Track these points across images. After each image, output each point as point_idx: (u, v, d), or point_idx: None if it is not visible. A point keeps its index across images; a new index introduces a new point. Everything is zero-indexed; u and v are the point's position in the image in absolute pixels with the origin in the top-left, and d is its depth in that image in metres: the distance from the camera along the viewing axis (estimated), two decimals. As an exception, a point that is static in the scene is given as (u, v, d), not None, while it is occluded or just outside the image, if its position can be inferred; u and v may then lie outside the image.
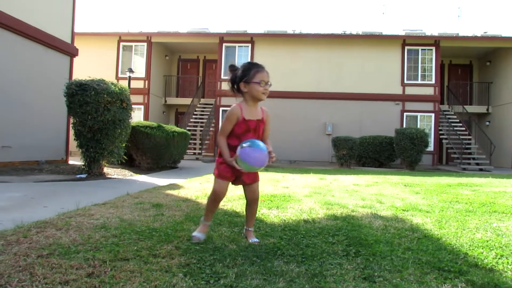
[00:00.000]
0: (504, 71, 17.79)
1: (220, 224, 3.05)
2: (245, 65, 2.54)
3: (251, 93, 2.47)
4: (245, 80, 2.46)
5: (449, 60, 19.99)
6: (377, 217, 3.51)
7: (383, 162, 14.64)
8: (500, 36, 17.81)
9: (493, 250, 2.35)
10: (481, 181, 7.68)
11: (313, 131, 17.10)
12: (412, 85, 17.35)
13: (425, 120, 17.23)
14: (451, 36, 18.03)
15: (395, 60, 17.46)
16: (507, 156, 16.93)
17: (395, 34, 18.37)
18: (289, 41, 17.84)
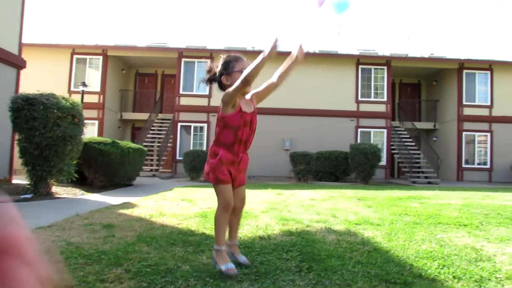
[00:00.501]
0: (448, 90, 19.04)
1: (173, 244, 2.98)
2: (224, 58, 2.46)
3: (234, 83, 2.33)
4: (226, 72, 2.38)
5: (399, 79, 21.09)
6: (330, 232, 3.58)
7: (339, 177, 15.03)
8: (445, 58, 19.09)
9: (436, 261, 2.47)
10: (428, 194, 8.07)
11: (271, 147, 17.29)
12: (365, 102, 18.09)
13: (378, 136, 17.96)
14: (401, 56, 19.09)
15: (350, 78, 18.17)
16: (452, 170, 17.98)
17: (350, 53, 19.17)
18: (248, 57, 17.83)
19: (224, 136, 2.31)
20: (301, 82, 17.78)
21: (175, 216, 4.39)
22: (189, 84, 17.66)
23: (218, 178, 2.25)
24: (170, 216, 4.36)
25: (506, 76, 18.41)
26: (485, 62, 18.41)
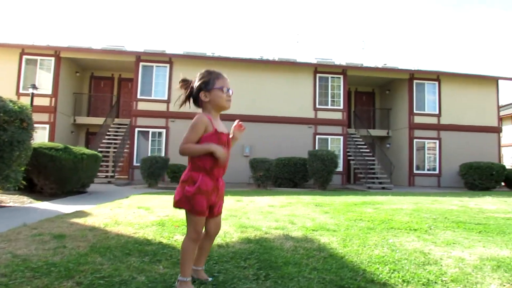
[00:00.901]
0: (400, 99, 19.98)
1: (129, 254, 2.89)
2: (203, 73, 2.29)
3: (214, 101, 2.21)
4: (205, 88, 2.21)
5: (355, 88, 21.86)
6: (288, 238, 3.63)
7: (298, 183, 15.28)
8: (397, 68, 20.02)
9: (388, 265, 2.58)
10: (382, 199, 8.40)
11: (231, 153, 17.12)
12: (323, 109, 18.56)
13: (335, 143, 18.47)
14: (357, 66, 19.80)
15: (308, 86, 18.58)
16: (404, 175, 18.84)
17: (308, 62, 19.60)
18: (208, 63, 18.02)
19: (202, 160, 2.10)
20: (260, 90, 17.96)
21: (131, 224, 4.26)
22: (147, 88, 17.27)
23: (194, 209, 2.05)
24: (126, 225, 4.23)
25: (452, 87, 19.63)
26: (433, 73, 19.53)
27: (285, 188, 14.69)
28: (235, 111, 17.16)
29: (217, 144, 2.13)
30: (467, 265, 2.66)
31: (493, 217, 5.56)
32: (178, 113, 17.12)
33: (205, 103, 2.23)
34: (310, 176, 14.82)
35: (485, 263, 2.71)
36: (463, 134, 19.18)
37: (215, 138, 2.14)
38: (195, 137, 2.11)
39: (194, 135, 2.11)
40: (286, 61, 19.30)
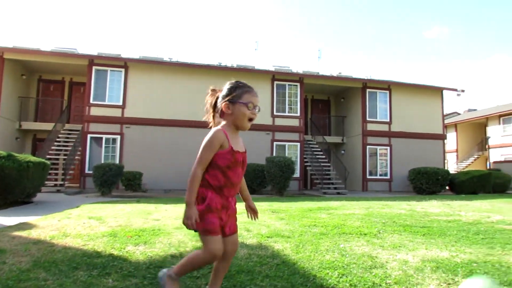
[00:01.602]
0: (354, 107, 20.74)
1: (76, 268, 2.78)
2: (232, 83, 2.14)
3: (236, 116, 2.03)
4: (230, 99, 2.04)
5: (311, 95, 22.41)
6: (243, 246, 3.65)
7: (256, 189, 15.37)
8: (351, 77, 20.78)
9: (337, 270, 2.66)
10: (336, 205, 8.65)
11: (188, 160, 16.96)
12: (280, 116, 18.84)
13: (292, 149, 18.80)
14: (313, 74, 20.32)
15: (266, 93, 18.79)
16: (358, 181, 19.51)
17: (266, 69, 19.86)
18: (165, 69, 17.75)
19: (212, 177, 1.96)
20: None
21: (80, 236, 4.09)
22: (101, 93, 16.67)
23: (205, 229, 1.90)
24: (75, 237, 4.06)
25: (402, 96, 20.66)
26: (384, 83, 20.45)
27: (243, 194, 14.70)
28: (193, 117, 17.09)
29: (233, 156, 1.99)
30: (410, 267, 2.81)
31: (437, 220, 5.89)
32: (134, 119, 16.70)
33: (226, 115, 2.06)
34: (268, 182, 14.96)
35: (426, 265, 2.87)
36: (412, 141, 20.22)
37: (229, 157, 1.98)
38: (210, 156, 1.96)
39: (209, 153, 1.96)
40: (245, 68, 19.45)
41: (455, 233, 4.56)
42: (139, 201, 9.94)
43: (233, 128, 2.05)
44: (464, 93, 31.43)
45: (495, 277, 2.54)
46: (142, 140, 16.65)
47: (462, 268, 2.78)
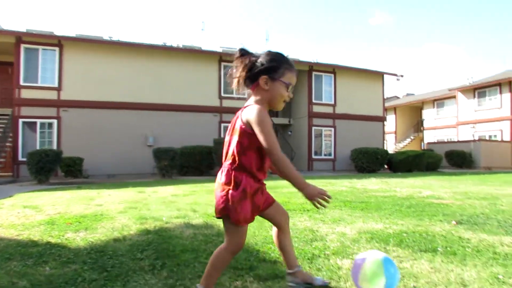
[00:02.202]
0: (301, 89, 21.14)
1: (9, 259, 2.63)
2: (275, 54, 1.82)
3: (273, 95, 1.79)
4: (271, 75, 1.77)
5: (258, 78, 22.50)
6: (189, 227, 3.65)
7: (204, 171, 15.32)
8: (298, 60, 21.08)
9: (279, 245, 2.76)
10: (282, 184, 8.86)
11: (133, 143, 16.52)
12: (228, 98, 18.75)
13: (240, 131, 18.89)
14: (259, 56, 20.37)
15: (213, 75, 18.57)
16: (304, 161, 20.12)
17: (212, 50, 19.57)
18: (105, 48, 16.84)
19: (248, 159, 1.73)
20: (164, 77, 17.43)
21: (14, 226, 3.86)
22: (33, 74, 15.39)
23: (239, 217, 1.70)
24: (8, 227, 3.82)
25: (346, 79, 21.40)
26: (329, 66, 21.03)
27: (191, 176, 14.61)
28: (136, 99, 16.53)
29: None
30: (347, 239, 2.99)
31: (375, 196, 6.28)
32: (72, 102, 15.78)
33: (259, 90, 1.80)
34: (216, 164, 14.96)
35: (362, 236, 3.07)
36: (354, 122, 21.12)
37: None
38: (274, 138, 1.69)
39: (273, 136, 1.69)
40: (191, 48, 19.03)
41: (390, 207, 4.89)
42: (80, 187, 9.53)
43: (266, 106, 1.80)
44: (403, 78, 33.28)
45: (421, 245, 2.78)
46: (82, 124, 15.79)
47: (394, 238, 3.01)
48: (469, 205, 5.05)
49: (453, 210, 4.57)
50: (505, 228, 3.43)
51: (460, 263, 2.34)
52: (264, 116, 1.69)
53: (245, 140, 1.72)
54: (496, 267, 2.27)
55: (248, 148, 1.72)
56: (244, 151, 1.72)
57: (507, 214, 4.25)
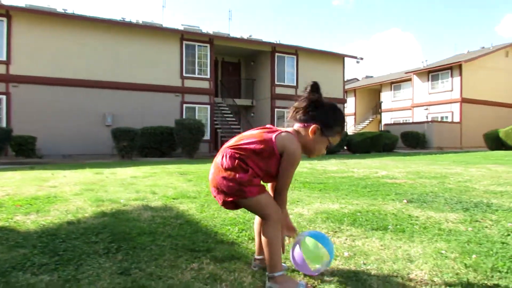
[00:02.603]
0: (263, 70, 21.12)
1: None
2: (339, 113, 1.87)
3: (314, 145, 1.80)
4: (325, 129, 1.78)
5: (222, 58, 22.20)
6: (147, 209, 3.60)
7: (165, 152, 15.09)
8: (261, 41, 20.97)
9: (238, 226, 2.79)
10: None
11: (91, 122, 15.93)
12: (190, 78, 18.42)
13: (202, 111, 18.66)
14: (223, 36, 20.03)
15: (174, 53, 18.10)
16: (266, 142, 20.30)
17: (174, 28, 19.02)
18: (59, 21, 15.91)
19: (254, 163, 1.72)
20: (123, 55, 16.78)
21: (-43, 208, 3.63)
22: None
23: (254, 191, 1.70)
24: (-50, 209, 3.59)
25: (308, 61, 21.58)
26: (292, 48, 21.08)
27: (152, 158, 14.35)
28: (93, 77, 15.88)
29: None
30: (304, 219, 3.07)
31: (333, 176, 6.46)
32: (23, 77, 14.91)
33: (305, 133, 1.79)
34: (178, 145, 14.78)
35: (318, 216, 3.16)
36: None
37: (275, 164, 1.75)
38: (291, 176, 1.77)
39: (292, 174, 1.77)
40: (151, 25, 18.37)
41: (347, 187, 5.05)
42: (33, 167, 9.11)
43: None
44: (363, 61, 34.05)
45: (373, 224, 2.91)
46: (35, 101, 14.99)
47: (348, 217, 3.12)
48: (420, 184, 5.33)
49: (405, 189, 4.80)
50: (451, 206, 3.65)
51: (408, 240, 2.47)
52: (299, 156, 1.74)
53: (266, 153, 1.71)
54: (440, 242, 2.42)
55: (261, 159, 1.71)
56: (258, 157, 1.71)
57: (454, 192, 4.52)
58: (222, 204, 1.78)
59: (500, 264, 2.00)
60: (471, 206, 3.64)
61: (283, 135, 1.74)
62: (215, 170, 1.79)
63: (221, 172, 1.72)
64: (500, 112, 27.27)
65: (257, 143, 1.73)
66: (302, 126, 1.80)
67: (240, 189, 1.67)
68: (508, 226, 2.83)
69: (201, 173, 7.11)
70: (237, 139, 1.82)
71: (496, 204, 3.75)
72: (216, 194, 1.78)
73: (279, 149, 1.71)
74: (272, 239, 1.70)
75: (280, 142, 1.71)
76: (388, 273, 1.90)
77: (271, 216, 1.71)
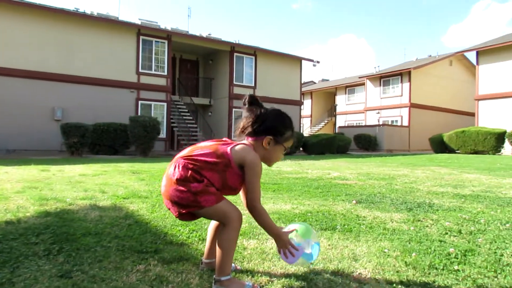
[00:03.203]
0: (222, 70, 21.03)
1: None
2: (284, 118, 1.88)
3: (271, 155, 1.83)
4: (277, 138, 1.81)
5: (180, 55, 21.84)
6: (95, 208, 3.46)
7: (118, 150, 14.60)
8: (220, 40, 20.86)
9: (188, 226, 2.75)
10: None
11: (38, 116, 15.06)
12: (146, 74, 17.95)
13: (158, 109, 18.25)
14: (182, 33, 19.72)
15: (130, 48, 17.56)
16: (224, 142, 20.23)
17: (131, 22, 18.45)
18: (5, 7, 14.89)
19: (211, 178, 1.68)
20: (75, 46, 16.03)
21: None
22: None
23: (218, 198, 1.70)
24: None
25: (266, 62, 21.77)
26: (251, 48, 21.17)
27: (104, 155, 13.83)
28: (41, 68, 15.04)
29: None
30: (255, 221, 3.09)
31: (287, 177, 6.56)
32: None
33: (260, 146, 1.80)
34: (132, 143, 14.35)
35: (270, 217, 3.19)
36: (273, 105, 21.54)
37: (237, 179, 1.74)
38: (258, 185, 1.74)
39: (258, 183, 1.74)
40: (106, 17, 17.71)
41: (300, 188, 5.15)
42: (-30, 163, 8.47)
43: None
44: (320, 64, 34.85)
45: (323, 224, 2.98)
46: (-26, 91, 13.95)
47: (299, 218, 3.19)
48: (369, 185, 5.55)
49: (355, 190, 4.97)
50: (396, 206, 3.83)
51: (355, 239, 2.56)
52: (258, 164, 1.72)
53: (220, 166, 1.69)
54: (384, 241, 2.53)
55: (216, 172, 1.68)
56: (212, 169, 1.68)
57: (400, 193, 4.75)
58: (178, 216, 1.73)
59: (437, 261, 2.13)
60: (414, 206, 3.85)
61: (239, 147, 1.74)
62: (167, 182, 1.73)
63: (174, 184, 1.68)
64: (445, 117, 29.04)
65: (211, 155, 1.70)
66: (254, 140, 1.82)
67: (195, 200, 1.64)
68: (446, 225, 3.01)
69: (155, 172, 6.95)
70: (191, 150, 1.79)
71: (437, 204, 3.98)
72: (171, 206, 1.73)
73: (236, 161, 1.70)
74: (230, 244, 1.70)
75: (237, 154, 1.71)
76: (333, 272, 1.96)
77: (232, 220, 1.71)
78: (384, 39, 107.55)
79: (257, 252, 2.26)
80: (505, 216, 3.40)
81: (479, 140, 19.12)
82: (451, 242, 2.52)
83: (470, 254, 2.26)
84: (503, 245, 2.47)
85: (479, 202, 4.13)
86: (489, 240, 2.58)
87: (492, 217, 3.35)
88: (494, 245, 2.47)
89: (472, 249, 2.35)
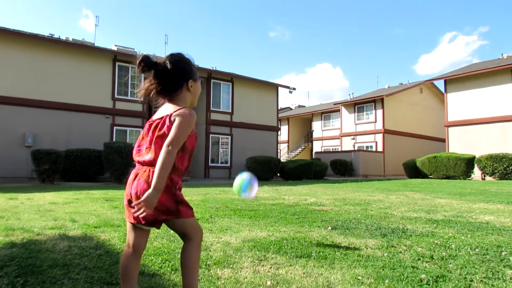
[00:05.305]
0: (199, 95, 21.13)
1: None
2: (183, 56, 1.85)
3: (195, 94, 1.86)
4: (193, 78, 1.84)
5: (157, 81, 21.82)
6: (64, 238, 3.34)
7: (92, 176, 14.23)
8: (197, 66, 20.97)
9: (161, 256, 2.69)
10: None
11: (7, 142, 14.55)
12: (122, 100, 17.79)
13: (134, 134, 18.01)
14: (159, 59, 19.79)
15: (106, 74, 17.43)
16: (201, 168, 20.06)
17: (107, 48, 18.39)
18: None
19: (179, 160, 1.65)
20: (48, 72, 15.79)
21: None
22: None
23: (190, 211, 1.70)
24: None
25: (243, 89, 22.04)
26: (228, 75, 21.43)
27: (77, 182, 13.43)
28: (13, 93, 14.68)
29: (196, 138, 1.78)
30: (230, 248, 3.05)
31: (264, 203, 6.54)
32: None
33: (186, 93, 1.81)
34: (106, 169, 14.02)
35: (245, 245, 3.16)
36: (250, 131, 21.81)
37: (194, 140, 1.74)
38: (185, 137, 1.65)
39: (186, 135, 1.64)
40: (82, 43, 17.63)
41: (276, 214, 5.14)
42: None
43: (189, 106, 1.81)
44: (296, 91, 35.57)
45: (298, 251, 2.97)
46: None
47: (274, 245, 3.17)
48: (345, 211, 5.59)
49: (331, 216, 5.00)
50: (371, 232, 3.87)
51: (329, 267, 2.56)
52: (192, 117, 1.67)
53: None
54: (358, 268, 2.54)
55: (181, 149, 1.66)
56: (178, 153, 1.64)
57: (375, 219, 4.81)
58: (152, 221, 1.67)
59: None
60: (388, 232, 3.89)
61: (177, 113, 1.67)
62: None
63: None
64: (417, 143, 29.90)
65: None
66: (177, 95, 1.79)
67: (177, 209, 1.64)
68: (419, 251, 3.06)
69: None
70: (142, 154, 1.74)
71: (411, 229, 4.05)
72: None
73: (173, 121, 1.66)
74: (196, 262, 1.71)
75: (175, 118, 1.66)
76: (308, 300, 1.95)
77: (196, 236, 1.72)
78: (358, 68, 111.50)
79: (231, 282, 2.23)
80: (475, 241, 3.49)
81: (450, 166, 19.71)
82: (423, 268, 2.55)
83: (441, 280, 2.30)
84: (473, 270, 2.53)
85: (450, 227, 4.23)
86: (459, 266, 2.63)
87: (463, 242, 3.43)
88: (465, 270, 2.52)
89: (443, 275, 2.39)
